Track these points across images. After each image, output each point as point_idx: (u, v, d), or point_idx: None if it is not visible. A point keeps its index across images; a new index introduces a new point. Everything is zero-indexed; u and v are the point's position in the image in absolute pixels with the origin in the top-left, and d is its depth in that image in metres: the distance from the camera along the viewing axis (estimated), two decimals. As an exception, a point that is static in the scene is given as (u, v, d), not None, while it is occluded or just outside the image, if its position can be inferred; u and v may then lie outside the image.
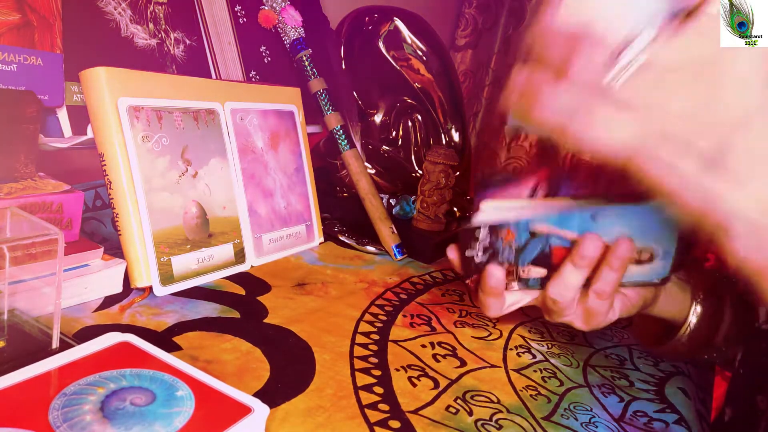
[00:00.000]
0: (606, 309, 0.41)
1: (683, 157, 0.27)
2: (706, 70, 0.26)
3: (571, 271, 0.39)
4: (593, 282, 0.40)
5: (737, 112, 0.26)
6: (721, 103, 0.26)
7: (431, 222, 0.76)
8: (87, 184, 0.63)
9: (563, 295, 0.40)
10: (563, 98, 0.29)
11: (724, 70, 0.26)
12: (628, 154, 0.28)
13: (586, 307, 0.41)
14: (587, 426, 0.44)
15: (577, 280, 0.39)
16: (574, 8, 0.28)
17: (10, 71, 0.49)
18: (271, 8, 0.76)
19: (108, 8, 0.59)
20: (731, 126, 0.26)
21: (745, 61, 0.26)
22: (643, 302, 0.44)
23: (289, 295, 0.57)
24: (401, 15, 0.87)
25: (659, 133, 0.27)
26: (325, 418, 0.39)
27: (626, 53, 0.27)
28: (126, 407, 0.32)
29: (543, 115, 0.29)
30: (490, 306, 0.41)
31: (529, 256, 0.40)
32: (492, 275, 0.39)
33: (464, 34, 1.30)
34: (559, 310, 0.41)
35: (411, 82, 0.87)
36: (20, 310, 0.40)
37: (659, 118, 0.27)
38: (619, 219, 0.39)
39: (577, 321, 0.43)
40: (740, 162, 0.26)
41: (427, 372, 0.47)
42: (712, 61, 0.26)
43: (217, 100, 0.60)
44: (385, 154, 0.86)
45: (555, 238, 0.40)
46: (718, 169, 0.26)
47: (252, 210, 0.63)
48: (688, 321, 0.47)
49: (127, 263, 0.51)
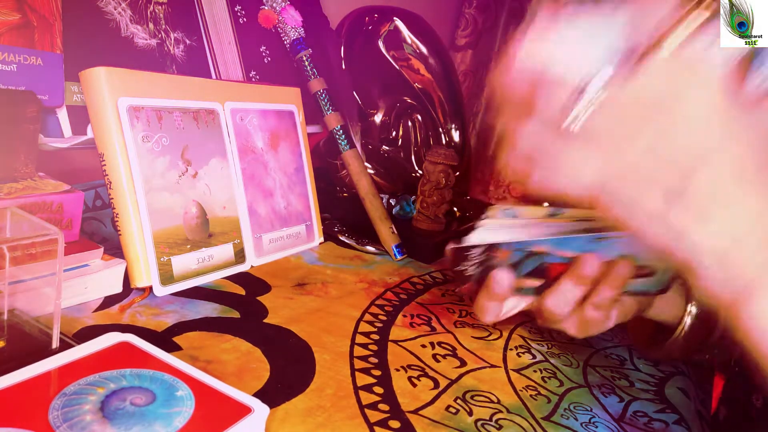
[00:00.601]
0: (603, 319, 0.41)
1: (646, 193, 0.27)
2: (665, 107, 0.26)
3: (570, 286, 0.39)
4: (591, 296, 0.40)
5: (697, 150, 0.26)
6: (680, 140, 0.26)
7: (431, 222, 0.76)
8: (87, 184, 0.63)
9: (561, 308, 0.40)
10: (527, 141, 0.29)
11: (682, 107, 0.26)
12: (593, 193, 0.28)
13: (582, 317, 0.41)
14: (587, 426, 0.44)
15: (576, 294, 0.39)
16: (532, 51, 0.28)
17: (10, 71, 0.49)
18: (271, 8, 0.76)
19: (108, 8, 0.59)
20: (692, 163, 0.26)
21: (702, 99, 0.26)
22: (639, 307, 0.44)
23: (289, 295, 0.57)
24: (401, 15, 0.87)
25: (622, 170, 0.27)
26: (325, 418, 0.39)
27: (586, 92, 0.27)
28: (126, 407, 0.32)
29: (510, 160, 0.30)
30: (488, 311, 0.41)
31: (524, 270, 0.40)
32: (498, 281, 0.39)
33: (464, 34, 1.30)
34: (555, 319, 0.41)
35: (411, 82, 0.87)
36: (20, 310, 0.40)
37: (621, 155, 0.27)
38: (621, 243, 0.38)
39: (572, 329, 0.43)
40: (702, 198, 0.26)
41: (427, 372, 0.47)
42: (670, 99, 0.26)
43: (217, 100, 0.60)
44: (385, 154, 0.86)
45: (551, 257, 0.39)
46: (682, 205, 0.26)
47: (252, 210, 0.63)
48: (683, 322, 0.47)
49: (127, 263, 0.51)
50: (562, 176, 0.28)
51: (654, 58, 0.26)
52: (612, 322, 0.43)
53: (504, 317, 0.42)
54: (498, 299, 0.40)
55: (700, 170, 0.26)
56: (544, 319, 0.42)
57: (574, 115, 0.27)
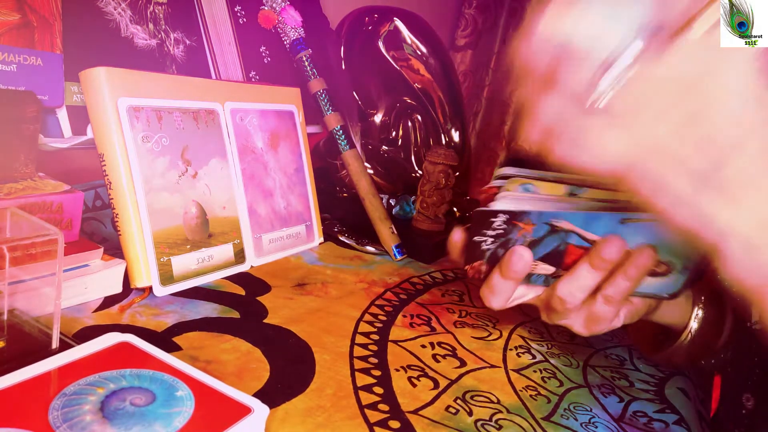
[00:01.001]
0: (612, 316, 0.40)
1: (675, 174, 0.26)
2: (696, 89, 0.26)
3: (587, 271, 0.38)
4: (604, 287, 0.38)
5: (729, 133, 0.25)
6: (712, 122, 0.26)
7: (431, 222, 0.76)
8: (87, 184, 0.63)
9: (574, 295, 0.38)
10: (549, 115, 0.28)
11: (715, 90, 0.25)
12: (621, 172, 0.28)
13: (592, 311, 0.40)
14: (587, 426, 0.44)
15: (591, 281, 0.38)
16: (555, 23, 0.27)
17: (10, 71, 0.49)
18: (271, 8, 0.76)
19: (108, 8, 0.59)
20: (724, 146, 0.26)
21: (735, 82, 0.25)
22: (647, 310, 0.43)
23: (289, 295, 0.57)
24: (401, 15, 0.87)
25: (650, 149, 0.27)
26: (325, 418, 0.39)
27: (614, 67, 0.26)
28: (126, 407, 0.32)
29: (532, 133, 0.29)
30: (499, 292, 0.39)
31: (542, 250, 0.38)
32: (521, 256, 0.37)
33: (464, 34, 1.30)
34: (564, 311, 0.40)
35: (411, 83, 0.87)
36: (20, 310, 0.40)
37: (650, 134, 0.26)
38: (646, 227, 0.37)
39: (578, 325, 0.41)
40: (734, 181, 0.26)
41: (426, 372, 0.47)
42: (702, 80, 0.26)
43: (217, 100, 0.60)
44: (385, 154, 0.86)
45: (574, 237, 0.37)
46: (712, 188, 0.26)
47: (252, 210, 0.63)
48: (689, 326, 0.47)
49: (127, 263, 0.51)
50: (587, 153, 0.28)
51: (684, 37, 0.25)
52: (620, 322, 0.41)
53: (511, 304, 0.41)
54: (514, 278, 0.38)
55: (732, 154, 0.25)
56: (551, 311, 0.41)
57: (600, 91, 0.26)
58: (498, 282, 0.39)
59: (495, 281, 0.39)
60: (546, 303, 0.41)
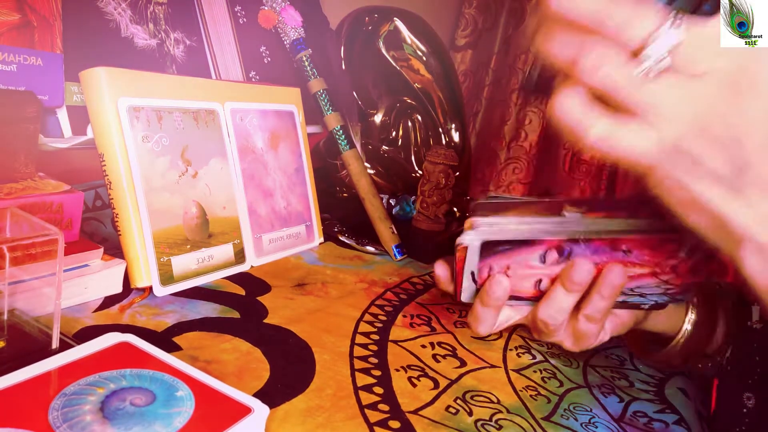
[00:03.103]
0: (596, 331, 0.40)
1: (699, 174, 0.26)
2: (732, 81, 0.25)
3: (562, 294, 0.37)
4: (583, 306, 0.38)
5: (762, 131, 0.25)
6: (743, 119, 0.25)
7: (431, 222, 0.76)
8: (87, 184, 0.63)
9: (554, 318, 0.38)
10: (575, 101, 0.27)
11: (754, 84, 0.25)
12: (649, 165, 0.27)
13: (576, 329, 0.39)
14: (587, 426, 0.44)
15: (568, 303, 0.38)
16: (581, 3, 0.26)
17: (10, 71, 0.49)
18: (271, 8, 0.76)
19: (108, 8, 0.59)
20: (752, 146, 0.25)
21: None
22: (635, 321, 0.43)
23: (289, 295, 0.57)
24: (401, 15, 0.87)
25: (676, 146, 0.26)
26: (325, 418, 0.39)
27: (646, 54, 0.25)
28: (126, 407, 0.32)
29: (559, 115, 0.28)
30: (483, 320, 0.39)
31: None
32: (500, 283, 0.37)
33: (464, 34, 1.30)
34: (549, 331, 0.40)
35: (411, 83, 0.87)
36: (20, 310, 0.40)
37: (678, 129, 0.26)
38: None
39: (568, 342, 0.41)
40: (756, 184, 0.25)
41: (427, 372, 0.47)
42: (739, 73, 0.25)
43: (217, 100, 0.60)
44: (385, 154, 0.86)
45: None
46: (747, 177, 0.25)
47: (252, 210, 0.63)
48: (683, 330, 0.47)
49: (127, 263, 0.51)
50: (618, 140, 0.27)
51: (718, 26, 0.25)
52: (607, 336, 0.41)
53: (498, 329, 0.41)
54: (495, 305, 0.38)
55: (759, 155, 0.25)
56: (539, 332, 0.41)
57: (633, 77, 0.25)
58: (480, 310, 0.39)
59: (478, 310, 0.39)
60: (532, 323, 0.41)
